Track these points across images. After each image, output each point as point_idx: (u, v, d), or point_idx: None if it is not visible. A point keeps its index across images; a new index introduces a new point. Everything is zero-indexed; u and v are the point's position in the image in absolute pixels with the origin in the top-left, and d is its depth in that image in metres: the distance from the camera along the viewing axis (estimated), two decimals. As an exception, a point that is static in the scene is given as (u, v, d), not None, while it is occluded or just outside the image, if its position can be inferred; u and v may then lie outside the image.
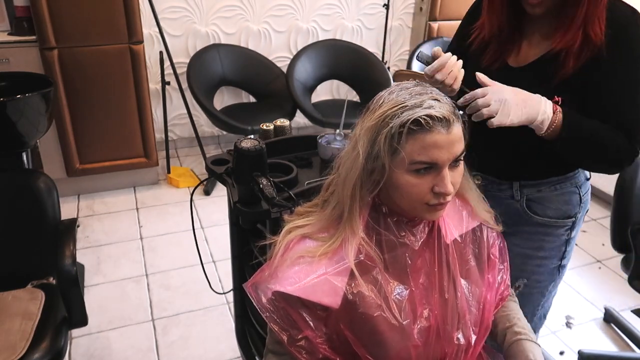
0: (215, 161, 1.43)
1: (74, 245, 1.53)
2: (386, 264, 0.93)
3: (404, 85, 0.90)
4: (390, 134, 0.83)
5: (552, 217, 1.25)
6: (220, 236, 2.69)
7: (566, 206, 1.25)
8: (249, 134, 2.91)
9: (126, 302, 2.23)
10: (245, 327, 1.69)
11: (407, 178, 0.86)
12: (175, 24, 3.23)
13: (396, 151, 0.84)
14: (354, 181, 0.88)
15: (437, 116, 0.83)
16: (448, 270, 0.97)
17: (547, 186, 1.23)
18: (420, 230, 0.96)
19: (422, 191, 0.86)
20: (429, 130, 0.83)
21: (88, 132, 2.82)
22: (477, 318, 1.00)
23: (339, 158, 0.95)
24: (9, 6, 2.60)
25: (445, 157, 0.85)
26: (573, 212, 1.26)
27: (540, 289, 1.34)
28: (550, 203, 1.24)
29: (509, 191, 1.26)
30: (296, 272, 0.89)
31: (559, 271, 1.32)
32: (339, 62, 3.44)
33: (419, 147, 0.83)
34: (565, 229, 1.27)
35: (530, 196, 1.25)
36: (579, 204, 1.26)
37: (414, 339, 0.91)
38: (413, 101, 0.84)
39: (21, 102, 1.93)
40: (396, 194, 0.89)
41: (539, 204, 1.25)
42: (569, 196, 1.25)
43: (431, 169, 0.85)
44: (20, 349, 1.34)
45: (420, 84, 0.90)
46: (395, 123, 0.83)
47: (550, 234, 1.27)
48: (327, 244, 0.91)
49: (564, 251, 1.30)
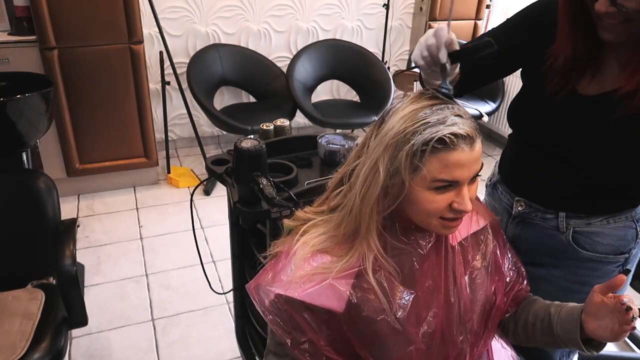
0: (215, 161, 1.43)
1: (74, 245, 1.53)
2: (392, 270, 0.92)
3: (421, 97, 0.86)
4: (412, 151, 0.80)
5: (602, 253, 1.10)
6: (220, 236, 2.69)
7: (619, 242, 1.10)
8: (249, 134, 2.91)
9: (126, 302, 2.23)
10: (245, 327, 1.69)
11: (426, 195, 0.84)
12: (175, 24, 3.23)
13: (417, 168, 0.81)
14: (374, 199, 0.85)
15: (461, 134, 0.80)
16: (454, 273, 0.96)
17: (598, 219, 1.09)
18: (427, 234, 0.94)
19: (440, 207, 0.85)
20: (453, 148, 0.80)
21: (88, 132, 2.82)
22: (482, 321, 1.00)
23: (350, 168, 0.92)
24: (9, 6, 2.60)
25: (466, 175, 0.83)
26: (627, 248, 1.11)
27: None
28: (601, 238, 1.10)
29: (553, 221, 1.13)
30: (301, 277, 0.88)
31: None
32: (339, 62, 3.44)
33: (441, 165, 0.81)
34: (617, 265, 1.12)
35: (577, 229, 1.11)
36: (635, 239, 1.11)
37: (419, 343, 0.91)
38: (435, 117, 0.81)
39: (21, 102, 1.93)
40: (412, 209, 0.87)
41: (588, 238, 1.10)
42: (624, 231, 1.10)
43: (451, 187, 0.84)
44: (20, 349, 1.34)
45: (437, 94, 0.86)
46: (418, 140, 0.80)
47: (598, 270, 1.12)
48: (343, 260, 0.89)
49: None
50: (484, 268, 1.01)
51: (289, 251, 0.93)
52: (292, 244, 0.94)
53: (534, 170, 1.10)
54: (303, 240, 0.93)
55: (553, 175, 1.10)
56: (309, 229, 0.95)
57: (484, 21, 3.85)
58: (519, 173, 0.99)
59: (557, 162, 1.06)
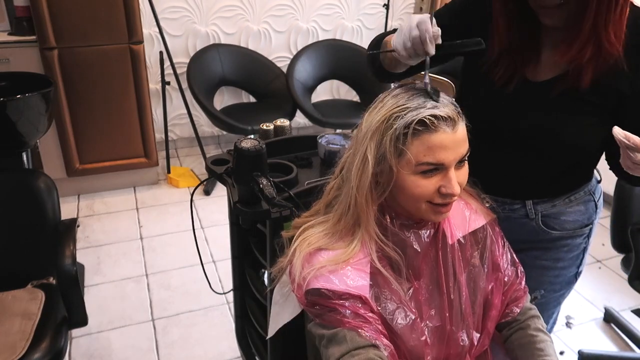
0: (215, 161, 1.43)
1: (74, 245, 1.53)
2: (395, 264, 0.93)
3: (403, 86, 0.89)
4: (395, 135, 0.83)
5: (570, 229, 1.19)
6: (220, 236, 2.69)
7: (583, 215, 1.19)
8: (249, 134, 2.91)
9: (126, 302, 2.23)
10: (245, 327, 1.69)
11: (413, 179, 0.85)
12: (175, 24, 3.23)
13: (402, 153, 0.83)
14: (367, 187, 0.87)
15: (441, 116, 0.82)
16: (452, 271, 0.97)
17: (561, 199, 1.17)
18: (425, 232, 0.95)
19: (428, 192, 0.86)
20: (435, 130, 0.82)
21: (88, 132, 2.82)
22: (481, 319, 1.00)
23: (342, 163, 0.93)
24: (9, 6, 2.59)
25: (451, 157, 0.84)
26: (590, 220, 1.20)
27: (557, 297, 1.29)
28: (567, 216, 1.18)
29: (522, 210, 1.19)
30: (320, 270, 0.88)
31: (575, 278, 1.28)
32: (339, 62, 3.44)
33: (425, 148, 0.83)
34: (583, 237, 1.22)
35: (545, 212, 1.18)
36: (595, 210, 1.21)
37: (426, 335, 0.92)
38: (416, 102, 0.83)
39: (21, 102, 1.93)
40: (402, 196, 0.88)
41: (555, 218, 1.18)
42: (585, 205, 1.19)
43: (437, 170, 0.85)
44: (20, 349, 1.34)
45: (420, 83, 0.89)
46: (399, 124, 0.82)
47: (568, 245, 1.21)
48: (348, 250, 0.90)
49: (582, 258, 1.25)
50: (482, 266, 1.02)
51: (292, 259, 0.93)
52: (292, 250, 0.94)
53: (495, 166, 1.12)
54: (302, 240, 0.93)
55: (515, 167, 1.13)
56: (307, 229, 0.96)
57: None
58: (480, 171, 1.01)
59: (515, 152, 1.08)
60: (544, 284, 1.25)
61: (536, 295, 1.25)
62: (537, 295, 1.25)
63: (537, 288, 1.24)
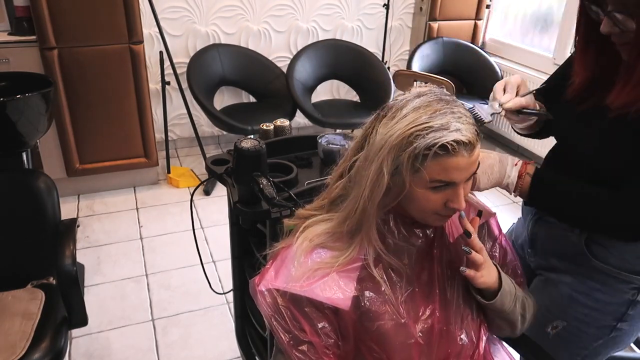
0: (215, 161, 1.43)
1: (74, 245, 1.53)
2: (391, 263, 0.93)
3: (423, 95, 0.87)
4: (414, 154, 0.82)
5: (615, 268, 1.03)
6: (220, 236, 2.69)
7: (636, 260, 1.02)
8: (249, 134, 2.91)
9: (126, 302, 2.23)
10: (245, 327, 1.70)
11: (423, 193, 0.86)
12: (175, 24, 3.23)
13: (418, 170, 0.83)
14: (379, 200, 0.86)
15: (463, 141, 0.82)
16: (451, 269, 0.97)
17: None
18: (424, 230, 0.97)
19: (436, 205, 0.87)
20: (454, 155, 0.82)
21: (88, 132, 2.82)
22: (480, 317, 1.00)
23: (349, 163, 0.93)
24: (9, 6, 2.59)
25: (463, 177, 0.85)
26: None
27: (582, 340, 1.12)
28: (616, 250, 1.03)
29: None
30: (304, 273, 0.89)
31: (611, 331, 1.09)
32: (339, 62, 3.45)
33: (440, 168, 0.83)
34: (631, 287, 1.04)
35: (593, 235, 1.05)
36: None
37: (417, 337, 0.92)
38: (438, 122, 0.82)
39: (21, 102, 1.93)
40: (410, 205, 0.89)
41: (602, 247, 1.04)
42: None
43: (447, 186, 0.86)
44: (20, 349, 1.34)
45: (439, 93, 0.88)
46: (420, 144, 0.81)
47: (608, 286, 1.05)
48: (344, 255, 0.90)
49: (624, 313, 1.06)
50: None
51: (289, 248, 0.94)
52: (292, 241, 0.94)
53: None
54: (304, 236, 0.93)
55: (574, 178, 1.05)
56: (311, 225, 0.96)
57: (484, 21, 3.85)
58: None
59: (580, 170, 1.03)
60: (569, 317, 1.11)
61: (557, 325, 1.12)
62: (559, 326, 1.12)
63: (559, 318, 1.12)
